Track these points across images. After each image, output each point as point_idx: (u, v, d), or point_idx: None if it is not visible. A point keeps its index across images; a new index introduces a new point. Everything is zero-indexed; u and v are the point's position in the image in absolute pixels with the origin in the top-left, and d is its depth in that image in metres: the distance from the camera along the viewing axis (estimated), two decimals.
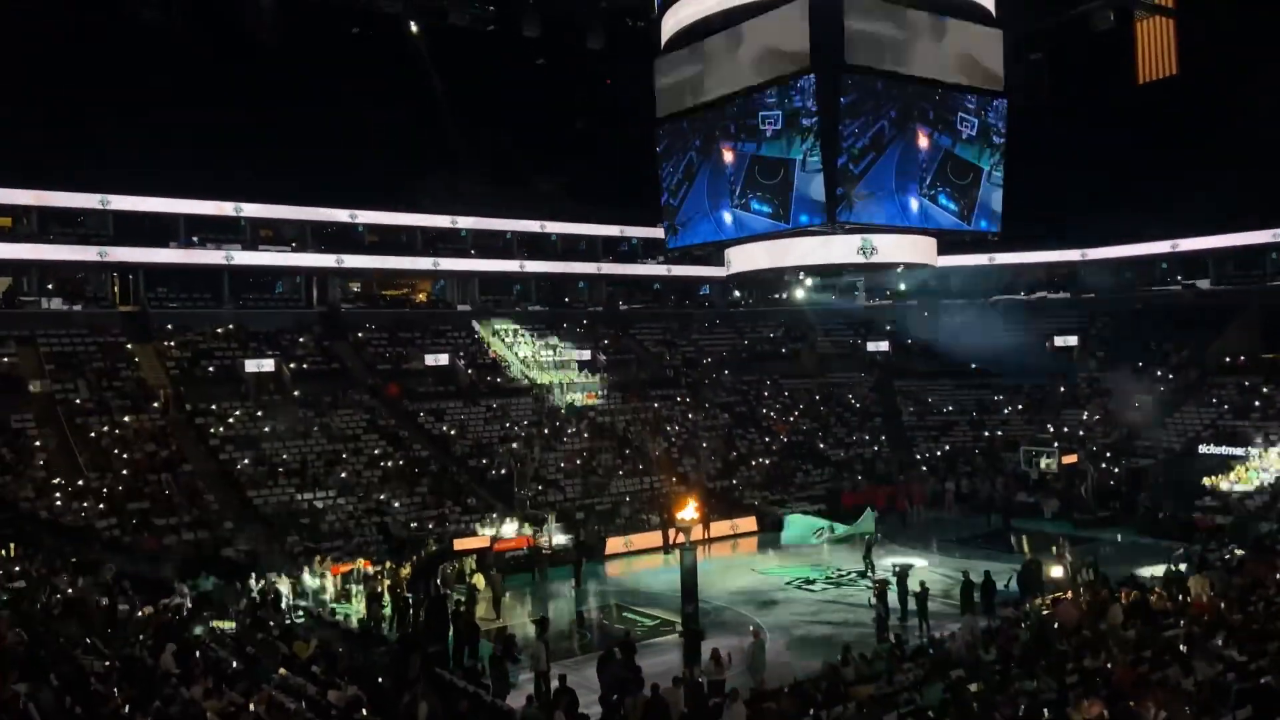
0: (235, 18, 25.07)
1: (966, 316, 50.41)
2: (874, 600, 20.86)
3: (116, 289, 38.83)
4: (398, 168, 47.37)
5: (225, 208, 39.77)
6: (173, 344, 36.85)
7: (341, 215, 42.89)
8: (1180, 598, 17.77)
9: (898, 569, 22.60)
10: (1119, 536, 30.03)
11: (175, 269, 39.22)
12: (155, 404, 33.25)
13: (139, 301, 38.29)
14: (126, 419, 31.86)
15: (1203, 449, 34.89)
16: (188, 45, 31.35)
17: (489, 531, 28.61)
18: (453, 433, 36.20)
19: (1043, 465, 34.20)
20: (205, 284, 40.07)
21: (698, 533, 29.38)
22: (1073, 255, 50.01)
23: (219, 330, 38.46)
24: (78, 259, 37.32)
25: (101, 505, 27.12)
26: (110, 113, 37.07)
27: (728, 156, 21.88)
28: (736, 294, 53.27)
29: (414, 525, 29.74)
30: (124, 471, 29.11)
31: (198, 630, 17.75)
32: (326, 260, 42.10)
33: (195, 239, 39.87)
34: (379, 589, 23.37)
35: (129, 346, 36.05)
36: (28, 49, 34.65)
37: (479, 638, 19.41)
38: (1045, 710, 11.64)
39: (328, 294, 42.92)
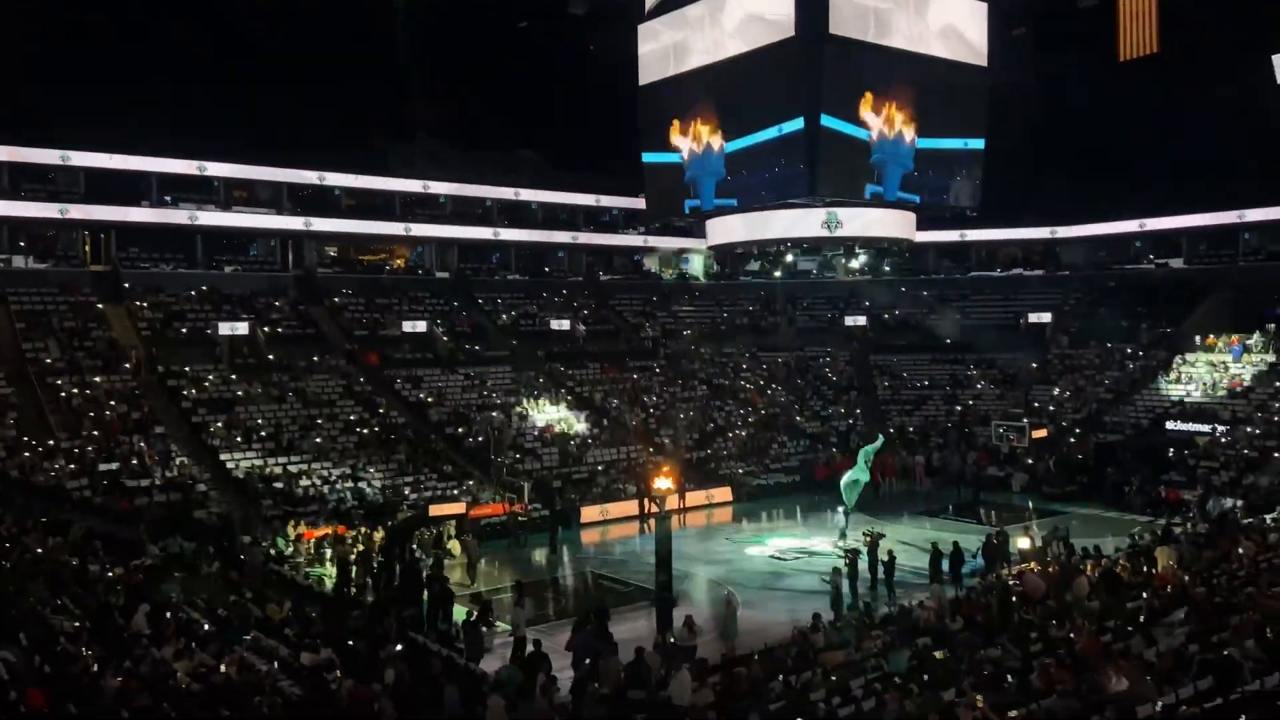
0: None
1: (943, 292, 50.78)
2: (840, 571, 20.96)
3: (88, 248, 38.29)
4: (375, 132, 46.95)
5: (191, 166, 39.04)
6: (145, 305, 36.42)
7: (310, 176, 42.29)
8: (1145, 570, 18.07)
9: (868, 537, 22.86)
10: (1085, 510, 30.48)
11: (147, 228, 38.68)
12: (127, 365, 32.91)
13: (110, 261, 37.79)
14: (97, 379, 31.54)
15: (1170, 425, 35.35)
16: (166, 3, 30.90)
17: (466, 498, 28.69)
18: (430, 400, 36.09)
19: (1012, 440, 34.59)
20: (178, 244, 39.58)
21: (673, 502, 29.64)
22: (1047, 233, 50.29)
23: (192, 292, 38.02)
24: (47, 216, 36.66)
25: (72, 466, 26.88)
26: (84, 69, 36.49)
27: (706, 135, 21.85)
28: (716, 266, 53.25)
29: (389, 491, 29.71)
30: (95, 432, 28.84)
31: (172, 593, 17.69)
32: (297, 223, 41.58)
33: (168, 199, 39.33)
34: (353, 554, 23.39)
35: (100, 306, 35.60)
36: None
37: (453, 602, 19.47)
38: (1009, 678, 11.85)
39: (303, 257, 42.50)
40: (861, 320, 48.88)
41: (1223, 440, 32.95)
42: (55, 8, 37.64)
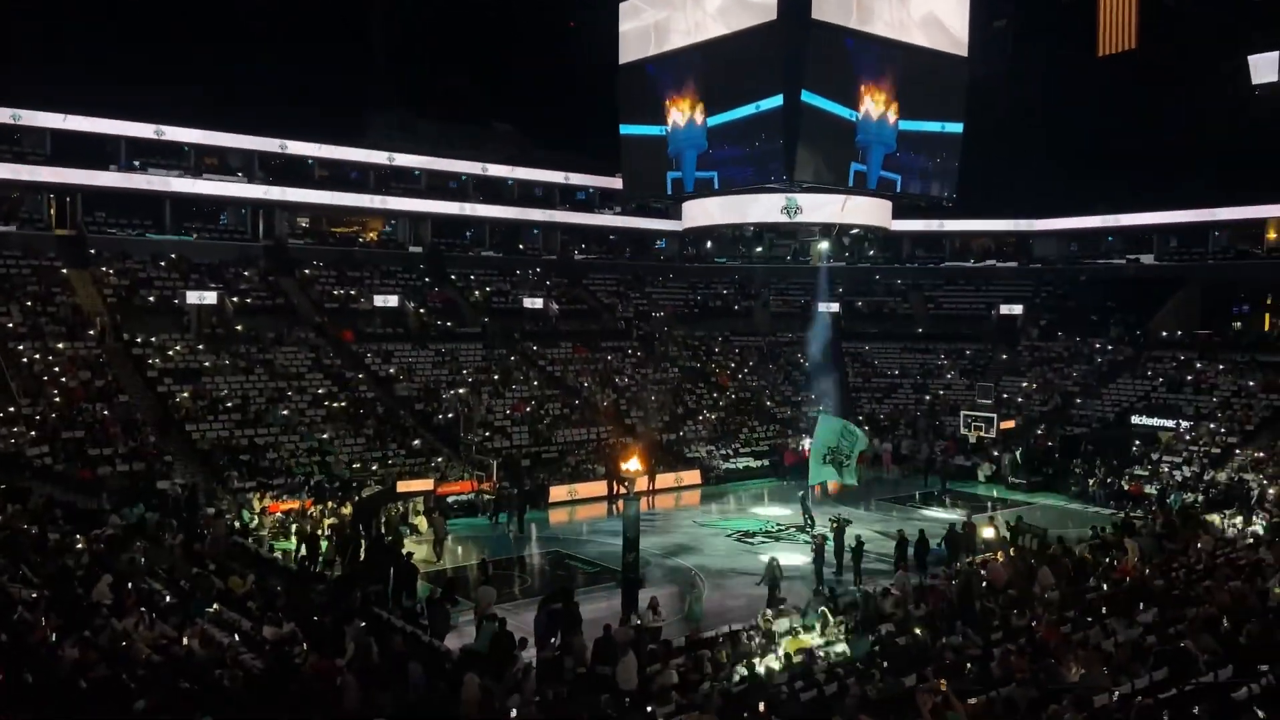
0: None
1: (917, 280, 51.10)
2: (826, 537, 21.37)
3: (53, 211, 37.55)
4: (350, 103, 46.34)
5: (151, 129, 38.24)
6: (111, 271, 35.83)
7: (274, 144, 41.49)
8: (1108, 561, 18.32)
9: (835, 523, 23.01)
10: (1049, 501, 30.85)
11: (115, 193, 37.97)
12: (91, 332, 32.39)
13: (77, 225, 37.10)
14: (61, 346, 31.02)
15: (1135, 419, 35.83)
16: None
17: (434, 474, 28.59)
18: (400, 375, 35.84)
19: (980, 430, 34.92)
20: (147, 210, 38.92)
21: (642, 484, 29.67)
22: (1021, 226, 50.71)
23: (161, 261, 37.44)
24: (10, 178, 35.85)
25: (33, 433, 26.46)
26: (48, 29, 35.72)
27: (688, 110, 21.74)
28: (691, 248, 53.17)
29: (357, 466, 29.52)
30: (57, 399, 28.40)
31: (136, 559, 17.46)
32: (264, 191, 40.87)
33: (136, 163, 38.64)
34: (319, 528, 23.24)
35: (65, 271, 34.97)
36: None
37: (417, 579, 19.39)
38: (969, 665, 11.98)
39: (275, 228, 41.94)
40: (834, 306, 49.05)
41: (1185, 436, 33.46)
42: None
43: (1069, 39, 31.22)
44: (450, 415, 33.31)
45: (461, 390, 35.22)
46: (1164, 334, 41.11)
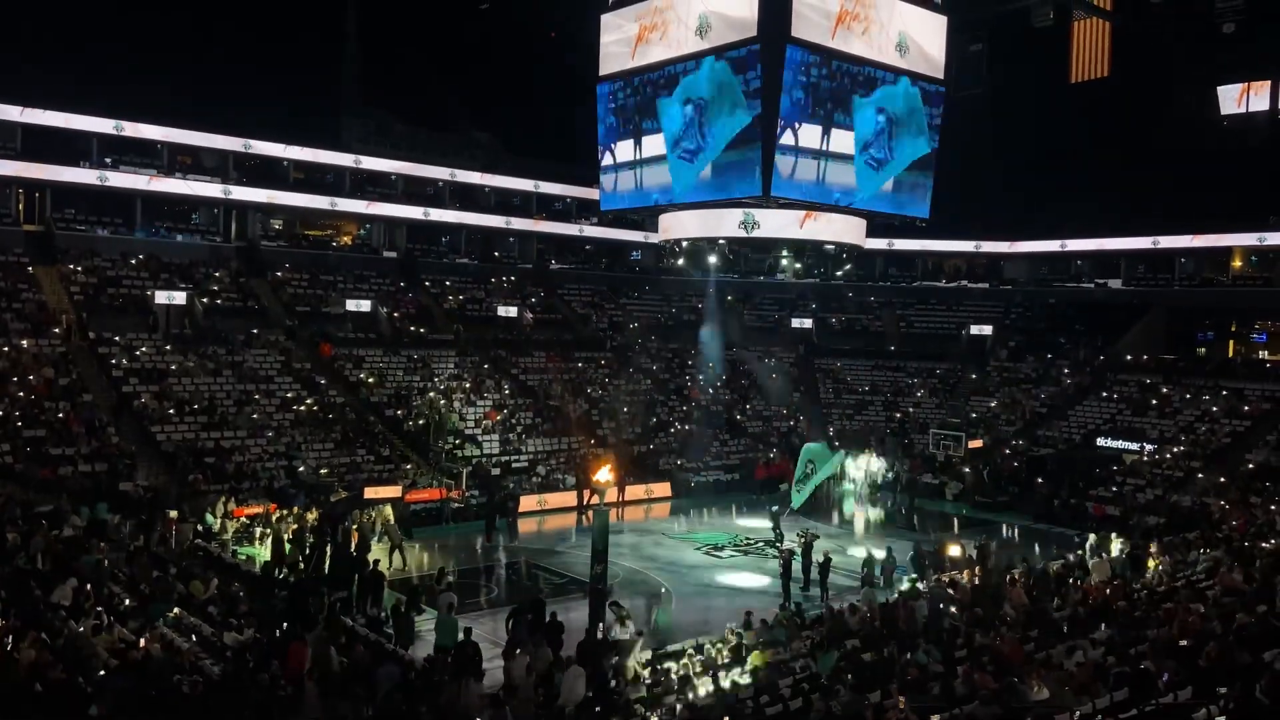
0: None
1: (889, 299, 51.51)
2: (794, 553, 21.48)
3: (21, 207, 37.02)
4: (325, 106, 46.18)
5: (118, 126, 37.76)
6: (79, 268, 35.35)
7: (243, 145, 41.08)
8: (1072, 582, 18.49)
9: (803, 538, 23.08)
10: (1014, 521, 31.12)
11: (85, 190, 37.50)
12: (56, 330, 31.91)
13: (44, 221, 36.59)
14: (24, 343, 30.54)
15: (1101, 441, 36.26)
16: None
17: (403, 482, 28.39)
18: (371, 380, 35.58)
19: (948, 448, 35.21)
20: (117, 208, 38.47)
21: (612, 495, 29.62)
22: (991, 248, 51.31)
23: (131, 260, 36.99)
24: None
25: None
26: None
27: (666, 122, 21.76)
28: (667, 261, 53.23)
29: (324, 471, 29.23)
30: (20, 394, 27.93)
31: (97, 561, 17.17)
32: (230, 192, 40.48)
33: (108, 160, 38.19)
34: (284, 533, 22.98)
35: (31, 269, 34.46)
36: None
37: (383, 587, 19.22)
38: (933, 683, 12.04)
39: (247, 229, 41.60)
40: (808, 323, 49.34)
41: (1149, 459, 33.90)
42: None
43: (1043, 65, 31.67)
44: (421, 422, 33.09)
45: (432, 395, 35.03)
46: (1129, 358, 41.67)
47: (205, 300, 36.30)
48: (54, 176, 36.50)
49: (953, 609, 17.09)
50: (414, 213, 45.62)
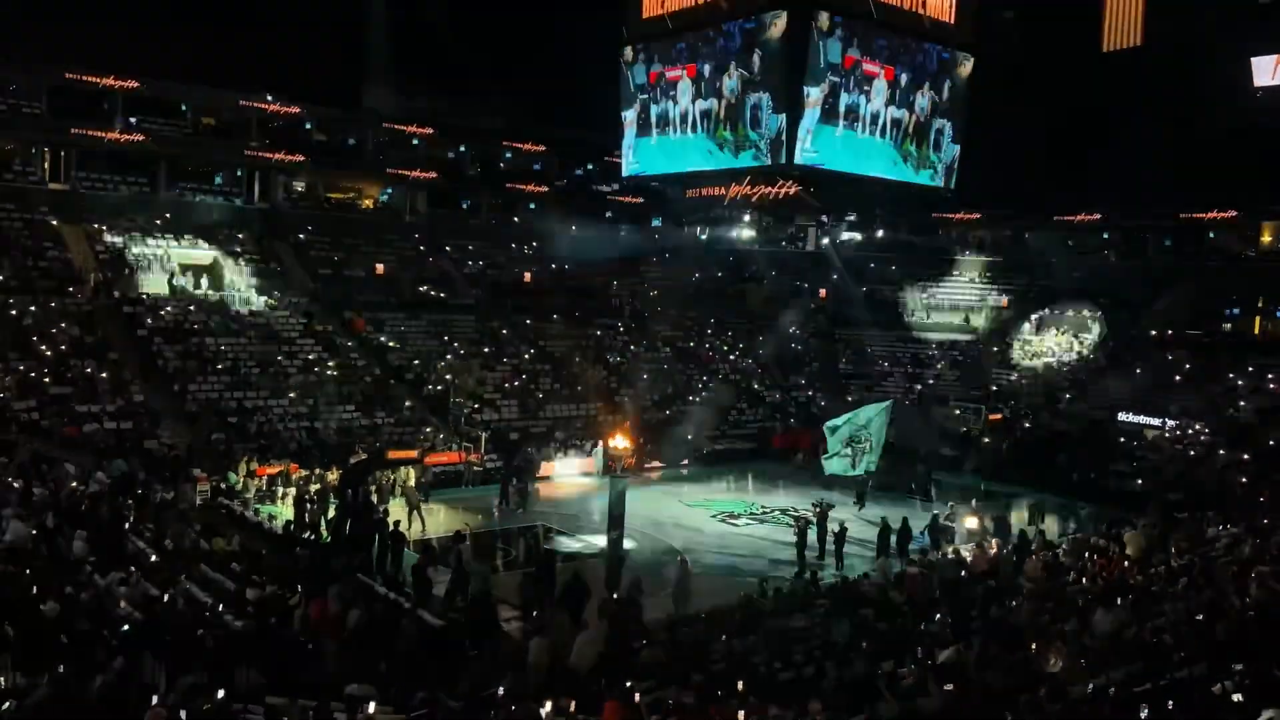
0: None
1: (912, 270, 51.08)
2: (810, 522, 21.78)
3: (47, 165, 37.25)
4: (349, 70, 45.99)
5: (151, 87, 37.91)
6: (104, 228, 35.60)
7: (267, 105, 41.03)
8: (1088, 555, 18.45)
9: (818, 508, 23.12)
10: (1034, 495, 30.95)
11: (110, 149, 37.62)
12: (83, 288, 32.20)
13: (70, 180, 36.81)
14: (51, 301, 30.85)
15: (1122, 416, 35.96)
16: None
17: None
18: (392, 344, 35.76)
19: (968, 421, 35.08)
20: (141, 168, 38.60)
21: (629, 462, 29.75)
22: (1018, 219, 50.69)
23: (155, 219, 37.19)
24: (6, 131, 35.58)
25: (21, 387, 26.34)
26: None
27: (688, 85, 21.59)
28: (688, 229, 53.05)
29: (346, 433, 29.49)
30: (47, 353, 28.27)
31: (122, 514, 17.46)
32: (254, 153, 40.61)
33: (133, 120, 38.29)
34: (306, 493, 23.25)
35: (57, 226, 34.72)
36: None
37: (404, 547, 19.43)
38: (946, 652, 12.08)
39: (270, 191, 41.71)
40: (828, 292, 49.17)
41: (1171, 434, 33.64)
42: None
43: (1074, 34, 31.12)
44: (440, 386, 33.26)
45: (450, 358, 35.18)
46: (1154, 333, 41.23)
47: (229, 261, 36.48)
48: (79, 135, 36.64)
49: (968, 580, 17.12)
50: (435, 177, 45.55)
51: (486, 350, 37.21)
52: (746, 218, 50.82)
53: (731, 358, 43.49)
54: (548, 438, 32.70)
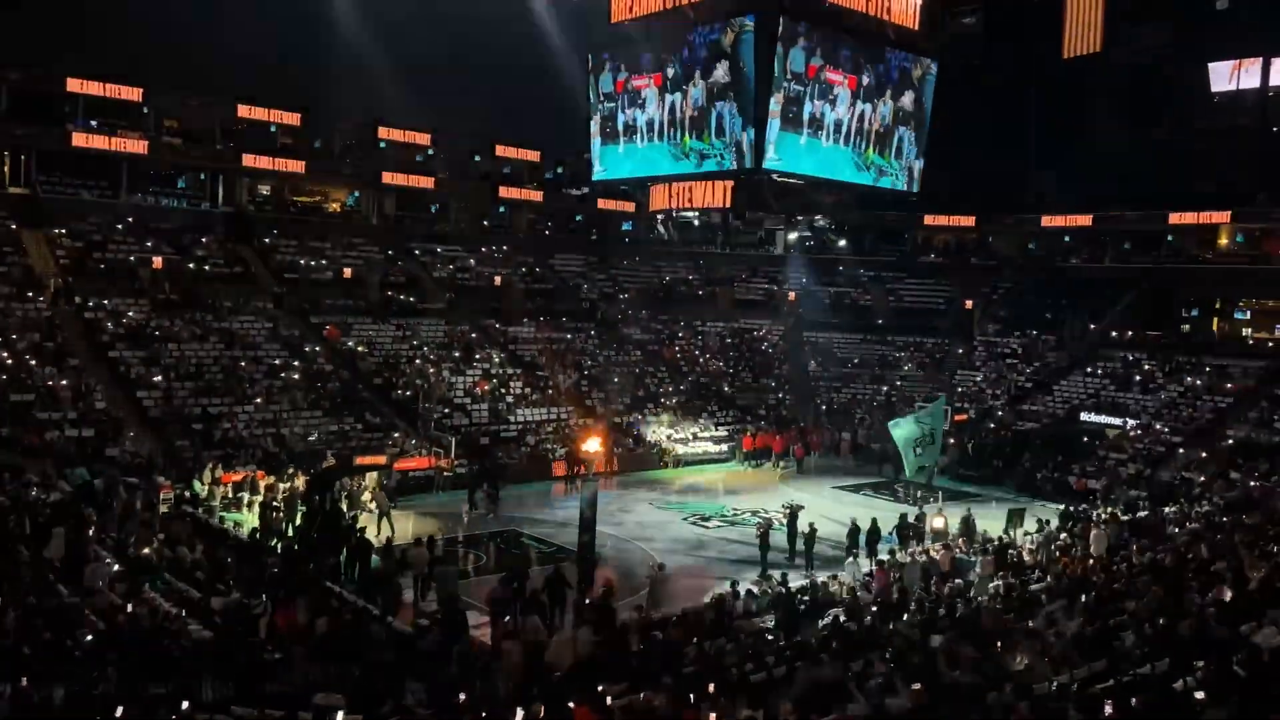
0: None
1: (879, 273, 51.56)
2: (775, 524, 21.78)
3: (7, 169, 36.64)
4: (317, 71, 45.64)
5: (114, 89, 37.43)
6: (64, 232, 35.05)
7: (233, 109, 40.75)
8: (1056, 553, 18.72)
9: (786, 509, 23.26)
10: (998, 494, 31.38)
11: (71, 153, 37.07)
12: (43, 294, 31.69)
13: (31, 185, 36.23)
14: (11, 306, 30.34)
15: (1084, 416, 36.53)
16: None
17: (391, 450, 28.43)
18: (359, 348, 35.51)
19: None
20: (103, 172, 38.07)
21: (600, 465, 29.77)
22: (979, 223, 51.33)
23: (118, 225, 36.69)
24: None
25: None
26: None
27: (654, 93, 21.70)
28: (659, 231, 53.15)
29: (312, 438, 29.24)
30: (8, 360, 27.79)
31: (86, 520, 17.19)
32: (218, 156, 40.16)
33: (94, 123, 37.76)
34: (273, 500, 23.02)
35: (16, 230, 34.14)
36: None
37: (371, 554, 19.30)
38: (914, 652, 12.21)
39: (235, 194, 41.27)
40: (796, 295, 49.47)
41: (1131, 434, 34.19)
42: None
43: (1036, 39, 31.60)
44: (409, 391, 33.08)
45: (419, 362, 35.00)
46: (1114, 334, 41.90)
47: (193, 266, 36.05)
48: (39, 138, 36.07)
49: (934, 579, 17.32)
50: (402, 180, 45.29)
51: (456, 354, 37.05)
52: (715, 220, 51.01)
53: (701, 360, 43.62)
54: (519, 442, 32.63)
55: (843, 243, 53.78)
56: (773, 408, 40.80)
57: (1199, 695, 9.04)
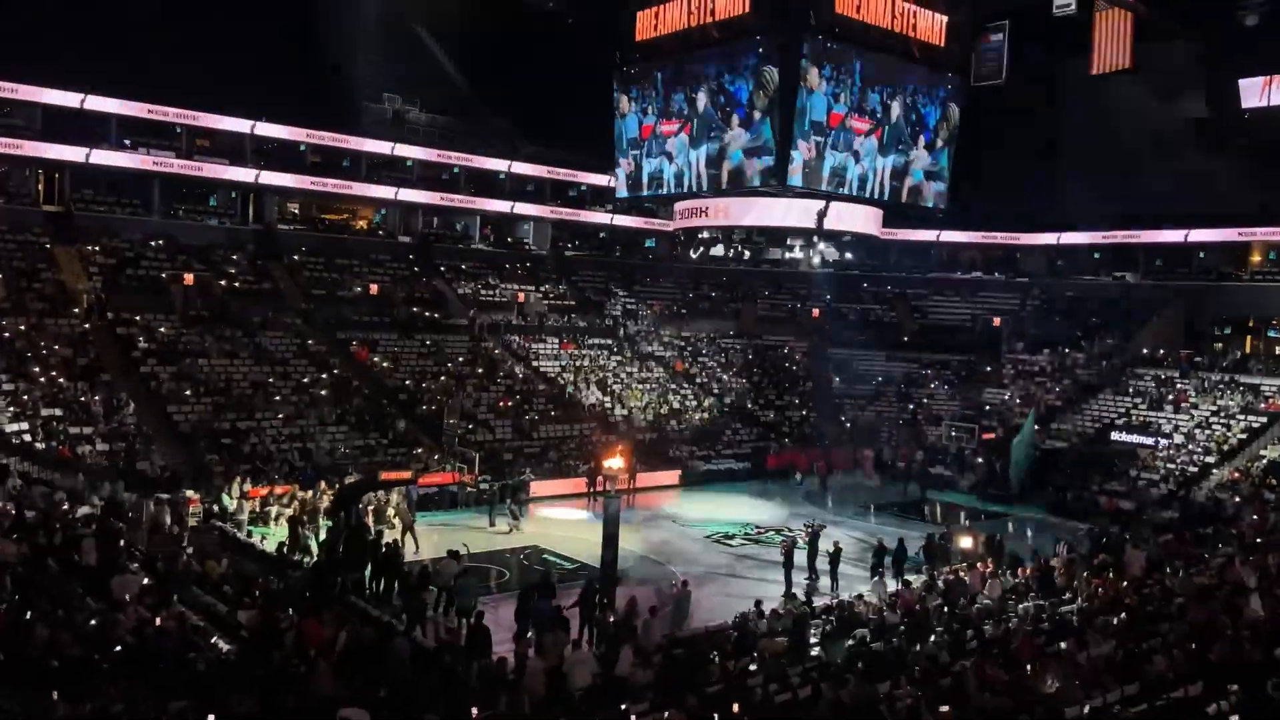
0: None
1: (904, 290, 51.29)
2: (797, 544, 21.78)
3: (41, 187, 37.28)
4: (343, 90, 46.12)
5: (145, 109, 38.00)
6: (97, 249, 35.58)
7: (259, 128, 41.20)
8: (1084, 575, 18.44)
9: (809, 529, 23.10)
10: (1027, 514, 31.02)
11: (104, 171, 37.69)
12: (76, 310, 32.16)
13: (64, 202, 36.84)
14: (45, 322, 30.79)
15: (1115, 436, 36.06)
16: None
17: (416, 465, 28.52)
18: (385, 364, 35.72)
19: (962, 440, 35.14)
20: (135, 189, 38.64)
21: (623, 482, 29.69)
22: (1009, 239, 50.99)
23: (151, 243, 37.21)
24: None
25: (13, 409, 26.25)
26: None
27: (683, 146, 21.90)
28: (680, 250, 53.08)
29: (339, 453, 29.40)
30: (40, 377, 28.19)
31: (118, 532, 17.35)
32: (249, 174, 40.63)
33: (127, 142, 38.38)
34: (300, 514, 23.13)
35: (51, 247, 34.70)
36: None
37: (396, 568, 19.32)
38: (943, 674, 12.05)
39: (264, 212, 41.77)
40: (821, 312, 49.31)
41: (1163, 454, 33.71)
42: None
43: (1064, 55, 31.43)
44: (434, 407, 33.22)
45: (444, 379, 35.14)
46: (1145, 352, 41.40)
47: (223, 282, 36.48)
48: (73, 157, 36.68)
49: (963, 600, 17.10)
50: (429, 198, 45.66)
51: (480, 370, 37.18)
52: (738, 237, 50.99)
53: (724, 377, 43.52)
54: (541, 458, 32.65)
55: (868, 259, 53.45)
56: (796, 425, 40.60)
57: None
